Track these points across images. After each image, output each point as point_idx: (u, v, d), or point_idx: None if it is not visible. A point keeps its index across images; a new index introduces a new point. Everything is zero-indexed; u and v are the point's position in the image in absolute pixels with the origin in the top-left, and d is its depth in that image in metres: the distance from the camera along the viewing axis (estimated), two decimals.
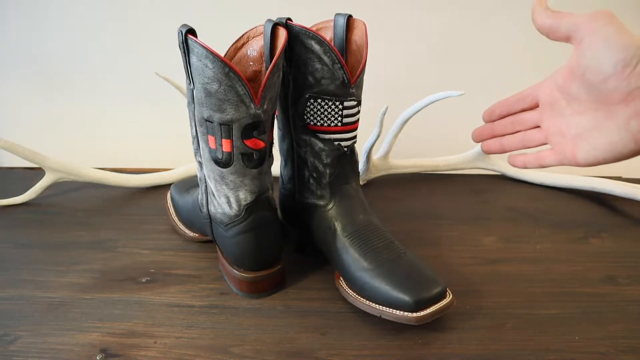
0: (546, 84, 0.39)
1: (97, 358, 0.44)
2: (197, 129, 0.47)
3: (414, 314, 0.44)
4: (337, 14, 0.49)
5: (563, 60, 0.83)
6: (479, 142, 0.46)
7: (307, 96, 0.49)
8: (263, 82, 0.44)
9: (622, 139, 0.33)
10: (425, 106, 0.70)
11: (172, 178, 0.78)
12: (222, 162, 0.47)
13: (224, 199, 0.49)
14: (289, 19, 0.47)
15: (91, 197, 0.74)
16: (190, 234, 0.61)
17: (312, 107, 0.49)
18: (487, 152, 0.45)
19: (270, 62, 0.46)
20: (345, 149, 0.51)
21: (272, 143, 0.50)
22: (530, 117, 0.41)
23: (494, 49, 0.80)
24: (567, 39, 0.35)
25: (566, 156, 0.37)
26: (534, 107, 0.41)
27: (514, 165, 0.44)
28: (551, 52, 0.79)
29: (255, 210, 0.49)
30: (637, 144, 0.33)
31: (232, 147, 0.46)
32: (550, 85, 0.38)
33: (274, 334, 0.47)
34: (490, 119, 0.45)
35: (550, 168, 0.87)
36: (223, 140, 0.45)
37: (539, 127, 0.41)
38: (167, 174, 0.78)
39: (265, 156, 0.48)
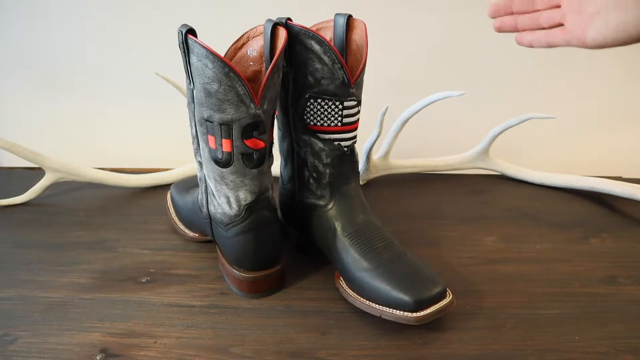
0: None
1: (97, 358, 0.44)
2: (197, 129, 0.47)
3: (414, 314, 0.44)
4: (337, 14, 0.49)
5: (564, 60, 0.83)
6: (495, 17, 0.45)
7: (307, 96, 0.49)
8: (263, 82, 0.44)
9: (636, 19, 0.34)
10: (425, 106, 0.70)
11: (172, 178, 0.78)
12: (222, 162, 0.47)
13: (224, 199, 0.49)
14: (289, 19, 0.47)
15: (91, 197, 0.74)
16: (190, 234, 0.61)
17: (312, 107, 0.49)
18: (499, 30, 0.44)
19: (270, 62, 0.46)
20: (345, 149, 0.51)
21: (272, 143, 0.50)
22: None
23: (494, 48, 0.80)
24: None
25: (576, 35, 0.38)
26: None
27: (520, 43, 0.43)
28: (552, 52, 0.79)
29: (255, 210, 0.49)
30: None
31: (232, 147, 0.46)
32: None
33: (274, 334, 0.47)
34: None
35: (551, 167, 0.87)
36: (223, 140, 0.45)
37: (558, 6, 0.40)
38: (167, 174, 0.78)
39: (265, 156, 0.48)
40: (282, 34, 0.45)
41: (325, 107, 0.49)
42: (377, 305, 0.46)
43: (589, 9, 0.37)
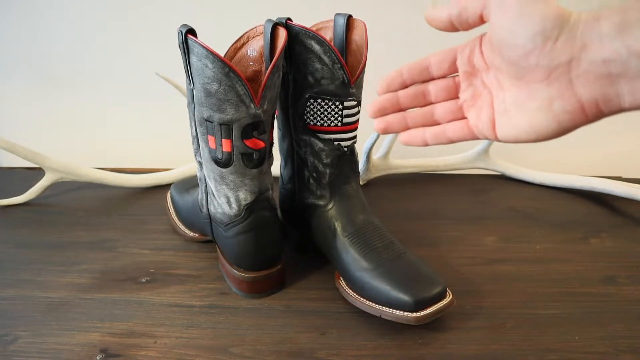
0: (470, 47, 0.33)
1: (97, 358, 0.44)
2: (197, 129, 0.47)
3: (414, 314, 0.44)
4: (337, 14, 0.49)
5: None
6: (377, 117, 0.36)
7: (307, 96, 0.49)
8: (263, 82, 0.44)
9: (544, 121, 0.29)
10: None
11: (172, 178, 0.78)
12: (222, 162, 0.47)
13: (224, 199, 0.49)
14: (289, 19, 0.47)
15: (91, 197, 0.74)
16: (190, 234, 0.61)
17: (312, 107, 0.49)
18: (385, 132, 0.35)
19: (270, 62, 0.46)
20: (345, 149, 0.51)
21: (272, 143, 0.50)
22: (446, 84, 0.34)
23: None
24: (479, 20, 0.30)
25: (483, 131, 0.33)
26: (452, 72, 0.34)
27: (408, 143, 0.35)
28: None
29: (255, 210, 0.49)
30: (560, 126, 0.29)
31: (232, 147, 0.46)
32: (474, 50, 0.32)
33: (274, 334, 0.47)
34: (391, 89, 0.35)
35: (551, 167, 0.87)
36: (223, 140, 0.45)
37: (456, 98, 0.34)
38: (167, 174, 0.78)
39: (265, 156, 0.48)
40: (282, 34, 0.45)
41: (325, 107, 0.49)
42: (377, 305, 0.46)
43: (494, 105, 0.32)
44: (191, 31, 0.42)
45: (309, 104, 0.49)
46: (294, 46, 0.47)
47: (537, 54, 0.28)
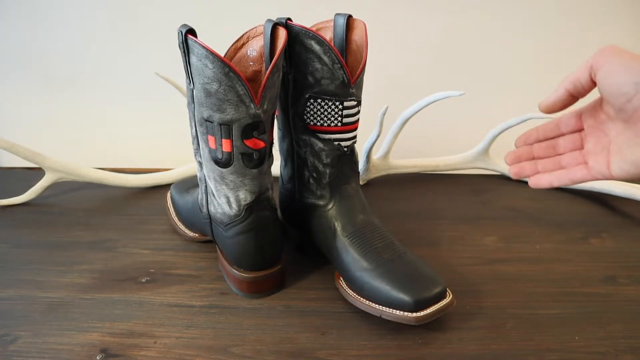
0: (591, 105, 0.41)
1: (97, 358, 0.44)
2: (197, 129, 0.47)
3: (414, 314, 0.44)
4: (337, 14, 0.49)
5: (564, 60, 0.83)
6: (513, 164, 0.45)
7: (307, 96, 0.49)
8: (263, 82, 0.44)
9: None
10: (425, 106, 0.70)
11: (172, 178, 0.78)
12: (222, 162, 0.47)
13: (223, 199, 0.49)
14: (289, 19, 0.47)
15: (91, 197, 0.74)
16: (190, 234, 0.61)
17: (312, 107, 0.49)
18: (518, 176, 0.45)
19: (270, 62, 0.46)
20: (345, 149, 0.51)
21: (272, 143, 0.50)
22: (572, 138, 0.42)
23: (494, 49, 0.80)
24: (592, 84, 0.38)
25: (601, 171, 0.39)
26: (578, 129, 0.42)
27: (537, 186, 0.43)
28: (552, 53, 0.79)
29: (255, 210, 0.49)
30: None
31: (232, 147, 0.46)
32: (595, 107, 0.40)
33: (274, 334, 0.47)
34: (527, 143, 0.45)
35: None
36: (223, 140, 0.45)
37: (581, 149, 0.42)
38: (167, 174, 0.78)
39: (265, 156, 0.48)
40: (282, 34, 0.45)
41: (325, 107, 0.49)
42: (377, 305, 0.46)
43: (610, 148, 0.39)
44: (191, 31, 0.42)
45: (309, 104, 0.49)
46: (294, 46, 0.47)
47: (638, 98, 0.34)
